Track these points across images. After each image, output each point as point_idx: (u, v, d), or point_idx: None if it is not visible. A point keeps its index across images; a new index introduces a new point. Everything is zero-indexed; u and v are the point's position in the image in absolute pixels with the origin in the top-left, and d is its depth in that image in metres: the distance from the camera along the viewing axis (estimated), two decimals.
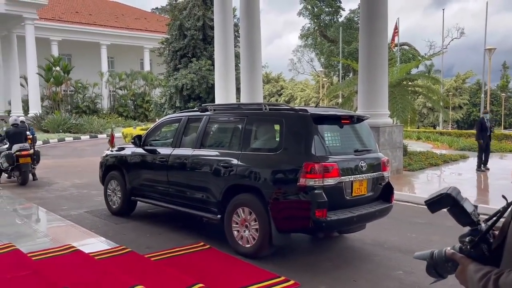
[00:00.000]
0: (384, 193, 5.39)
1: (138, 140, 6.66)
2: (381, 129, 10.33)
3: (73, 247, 4.52)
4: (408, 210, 7.72)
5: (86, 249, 4.60)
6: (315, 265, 4.87)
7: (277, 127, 5.13)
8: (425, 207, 1.44)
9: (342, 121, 5.12)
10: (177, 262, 4.77)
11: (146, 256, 4.74)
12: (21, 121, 12.66)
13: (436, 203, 1.39)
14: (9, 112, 28.24)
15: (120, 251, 4.70)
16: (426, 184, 10.57)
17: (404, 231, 6.36)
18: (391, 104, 12.36)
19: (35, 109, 28.32)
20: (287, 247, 5.32)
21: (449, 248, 1.40)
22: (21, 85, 30.01)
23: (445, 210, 1.39)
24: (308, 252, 5.47)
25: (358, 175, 4.90)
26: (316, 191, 4.50)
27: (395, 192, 5.55)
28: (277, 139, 5.09)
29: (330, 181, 4.59)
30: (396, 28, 32.49)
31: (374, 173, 5.17)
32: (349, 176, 4.80)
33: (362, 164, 4.97)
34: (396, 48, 32.74)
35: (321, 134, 4.82)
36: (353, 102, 14.78)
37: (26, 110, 29.16)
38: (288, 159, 4.75)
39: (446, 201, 1.37)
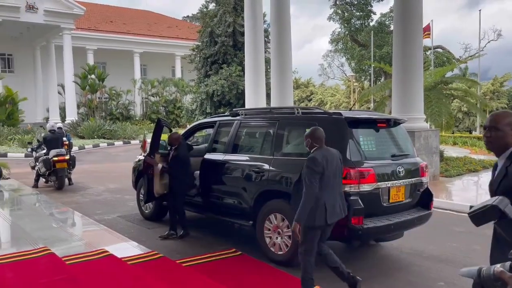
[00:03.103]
0: (422, 199, 5.16)
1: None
2: (417, 134, 10.00)
3: (106, 251, 4.54)
4: (447, 218, 7.40)
5: (119, 254, 4.61)
6: None
7: None
8: (465, 215, 1.29)
9: (378, 124, 4.94)
10: (208, 268, 4.70)
11: (177, 262, 4.71)
12: (58, 128, 13.02)
13: (480, 215, 1.25)
14: (47, 119, 29.23)
15: (152, 256, 4.69)
16: (464, 191, 10.15)
17: (443, 240, 6.07)
18: (427, 108, 11.98)
19: (72, 116, 29.21)
20: (320, 255, 5.16)
21: (498, 266, 1.26)
22: (59, 93, 31.04)
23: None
24: (343, 261, 5.24)
25: (395, 181, 4.71)
26: (351, 198, 4.34)
27: None
28: None
29: (366, 187, 4.42)
30: (428, 29, 31.61)
31: (412, 179, 4.96)
32: (386, 182, 4.62)
33: (400, 170, 4.77)
34: (429, 51, 31.87)
35: (356, 138, 4.66)
36: (387, 106, 14.42)
37: (63, 117, 30.12)
38: None
39: (492, 214, 1.22)
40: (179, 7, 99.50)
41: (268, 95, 15.68)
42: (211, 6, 24.54)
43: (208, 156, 6.00)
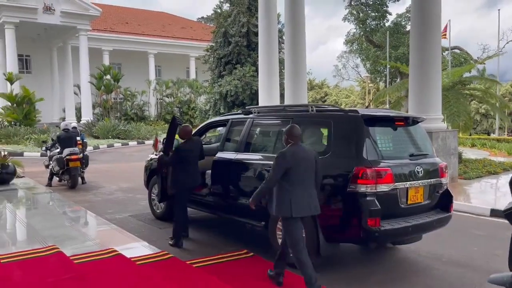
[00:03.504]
0: (442, 201, 4.96)
1: None
2: (434, 134, 9.74)
3: (115, 251, 4.46)
4: (466, 221, 7.15)
5: (129, 254, 4.52)
6: (367, 278, 4.52)
7: (325, 129, 4.85)
8: (486, 218, 1.15)
9: (396, 123, 4.75)
10: (219, 269, 4.59)
11: (187, 262, 4.60)
12: (73, 127, 13.09)
13: None
14: (63, 119, 29.56)
15: (161, 257, 4.59)
16: (484, 193, 9.84)
17: (463, 244, 5.85)
18: (445, 108, 11.69)
19: (87, 116, 29.49)
20: (335, 258, 5.01)
21: None
22: (75, 93, 31.40)
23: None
24: (358, 263, 5.12)
25: (414, 182, 4.53)
26: (368, 198, 4.18)
27: None
28: (325, 142, 4.81)
29: (383, 188, 4.25)
30: (444, 30, 31.04)
31: (431, 180, 4.76)
32: (404, 183, 4.44)
33: (418, 170, 4.59)
34: (446, 52, 31.32)
35: (373, 136, 4.49)
36: (403, 106, 14.15)
37: (79, 117, 30.44)
38: (337, 163, 4.45)
39: None
40: (194, 8, 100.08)
41: (281, 96, 15.55)
42: (225, 6, 24.54)
43: (219, 155, 5.88)
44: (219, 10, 25.01)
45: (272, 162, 5.03)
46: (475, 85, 17.07)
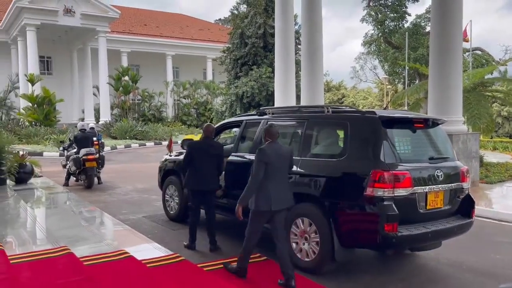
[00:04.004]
0: (463, 207, 4.77)
1: None
2: (455, 137, 9.47)
3: (126, 253, 4.40)
4: (488, 227, 6.90)
5: (140, 256, 4.47)
6: (383, 286, 4.37)
7: (341, 131, 4.71)
8: (509, 224, 1.02)
9: (415, 125, 4.59)
10: (231, 273, 4.49)
11: (199, 265, 4.52)
12: (91, 128, 13.23)
13: None
14: (82, 119, 29.99)
15: (173, 259, 4.52)
16: (506, 198, 9.52)
17: (485, 251, 5.63)
18: (465, 110, 11.37)
19: (105, 117, 29.85)
20: (351, 264, 4.86)
21: None
22: (94, 94, 31.82)
23: None
24: (375, 270, 4.95)
25: (433, 186, 4.36)
26: (385, 203, 4.03)
27: None
28: (341, 144, 4.67)
29: (401, 192, 4.09)
30: (465, 30, 30.31)
31: (452, 184, 4.58)
32: (423, 187, 4.27)
33: (438, 174, 4.41)
34: (467, 53, 30.64)
35: (391, 139, 4.33)
36: (422, 108, 13.85)
37: (97, 118, 30.83)
38: (353, 166, 4.32)
39: None
40: (211, 10, 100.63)
41: (298, 97, 15.40)
42: (242, 7, 24.51)
43: (233, 156, 5.80)
44: (236, 12, 24.99)
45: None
46: (497, 87, 16.61)
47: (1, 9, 31.96)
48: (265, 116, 5.69)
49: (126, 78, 30.14)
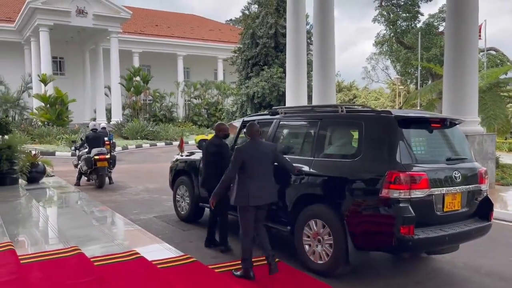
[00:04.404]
0: (481, 209, 4.64)
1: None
2: (470, 138, 9.26)
3: (137, 253, 4.36)
4: (506, 230, 6.75)
5: (150, 256, 4.42)
6: None
7: (355, 131, 4.61)
8: None
9: (432, 124, 4.47)
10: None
11: (210, 267, 4.45)
12: (102, 127, 13.26)
13: None
14: (94, 119, 30.19)
15: (184, 261, 4.46)
16: None
17: (503, 255, 5.47)
18: (481, 111, 11.15)
19: (117, 117, 30.01)
20: (365, 266, 4.76)
21: None
22: (105, 94, 32.01)
23: None
24: (389, 273, 4.84)
25: (451, 187, 4.23)
26: (401, 205, 3.92)
27: None
28: (355, 144, 4.57)
29: (418, 193, 3.98)
30: (479, 30, 29.79)
31: (470, 186, 4.45)
32: (440, 188, 4.15)
33: (456, 175, 4.29)
34: (481, 53, 30.17)
35: (407, 139, 4.22)
36: (436, 108, 13.63)
37: (109, 118, 31.01)
38: (368, 167, 4.21)
39: None
40: (222, 11, 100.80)
41: (309, 97, 15.28)
42: (253, 8, 24.45)
43: None
44: (247, 12, 24.94)
45: (299, 164, 4.88)
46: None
47: (15, 10, 32.35)
48: (277, 116, 5.61)
49: (138, 78, 30.26)
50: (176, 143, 24.20)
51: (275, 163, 4.58)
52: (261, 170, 4.34)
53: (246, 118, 6.87)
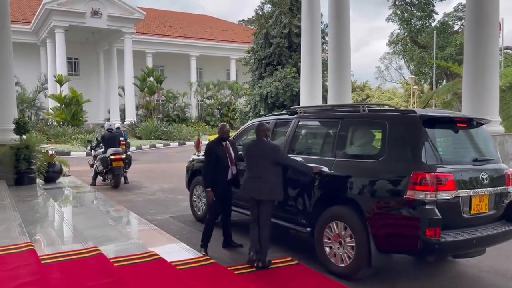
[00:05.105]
0: (508, 212, 4.48)
1: None
2: None
3: (156, 254, 4.31)
4: None
5: (169, 257, 4.37)
6: None
7: (378, 131, 4.51)
8: None
9: (458, 124, 4.34)
10: (262, 277, 4.36)
11: (229, 268, 4.39)
12: (117, 127, 13.32)
13: None
14: (108, 120, 30.42)
15: (202, 262, 4.41)
16: None
17: None
18: (501, 110, 10.92)
19: (131, 117, 30.19)
20: (388, 269, 4.65)
21: None
22: (119, 95, 32.23)
23: None
24: (412, 276, 4.72)
25: (478, 189, 4.10)
26: (427, 206, 3.81)
27: None
28: (378, 144, 4.46)
29: (444, 195, 3.87)
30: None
31: (498, 188, 4.32)
32: (467, 190, 4.03)
33: (483, 176, 4.16)
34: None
35: (432, 139, 4.11)
36: (453, 108, 13.40)
37: (123, 118, 31.21)
38: (392, 167, 4.11)
39: None
40: (235, 11, 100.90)
41: (324, 97, 15.14)
42: (267, 7, 24.36)
43: None
44: (260, 12, 24.84)
45: (318, 165, 4.79)
46: None
47: (31, 11, 32.79)
48: (296, 116, 5.53)
49: (151, 79, 30.40)
50: (190, 143, 24.26)
51: (282, 164, 4.72)
52: (256, 167, 4.64)
53: (261, 119, 6.82)
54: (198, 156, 7.20)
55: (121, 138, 11.13)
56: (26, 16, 32.78)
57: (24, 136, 9.45)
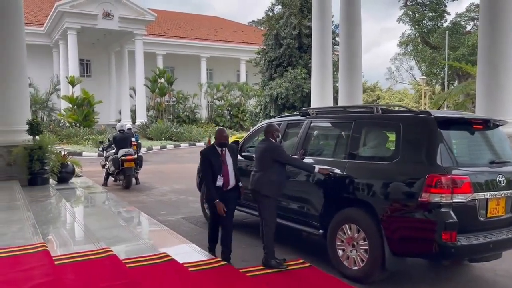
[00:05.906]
0: None
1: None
2: None
3: (168, 256, 4.31)
4: None
5: (181, 259, 4.36)
6: None
7: (392, 132, 4.45)
8: None
9: (474, 126, 4.27)
10: (274, 279, 4.34)
11: (241, 270, 4.37)
12: (128, 128, 13.38)
13: None
14: (119, 121, 30.62)
15: (215, 264, 4.39)
16: None
17: None
18: None
19: (142, 118, 30.36)
20: (402, 273, 4.59)
21: None
22: (130, 96, 32.46)
23: None
24: (428, 280, 4.65)
25: (495, 192, 4.03)
26: (442, 209, 3.75)
27: None
28: (392, 146, 4.41)
29: (460, 198, 3.80)
30: None
31: None
32: (483, 193, 3.96)
33: (500, 179, 4.08)
34: None
35: (448, 141, 4.04)
36: (467, 109, 13.23)
37: (133, 119, 31.40)
38: (406, 169, 4.05)
39: None
40: (244, 12, 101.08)
41: (334, 99, 15.06)
42: (277, 9, 24.34)
43: None
44: (270, 13, 24.82)
45: (330, 167, 4.75)
46: None
47: (43, 13, 33.17)
48: (308, 117, 5.49)
49: (162, 80, 30.55)
50: (200, 144, 24.30)
51: (282, 163, 4.76)
52: (258, 164, 4.82)
53: (271, 120, 6.80)
54: None
55: (133, 139, 11.17)
56: (39, 18, 33.18)
57: (37, 137, 9.54)
